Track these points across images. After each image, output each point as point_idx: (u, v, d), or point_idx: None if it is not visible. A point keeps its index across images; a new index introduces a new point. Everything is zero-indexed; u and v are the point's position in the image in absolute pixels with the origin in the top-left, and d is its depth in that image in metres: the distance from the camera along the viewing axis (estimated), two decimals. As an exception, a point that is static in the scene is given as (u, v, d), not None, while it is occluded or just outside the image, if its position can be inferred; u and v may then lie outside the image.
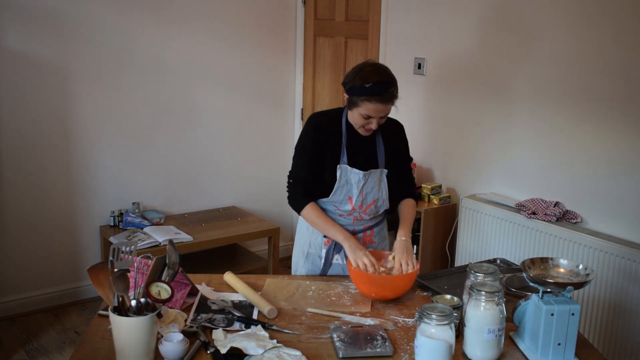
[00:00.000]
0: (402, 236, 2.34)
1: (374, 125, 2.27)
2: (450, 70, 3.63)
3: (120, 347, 1.72)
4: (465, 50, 3.52)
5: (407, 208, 2.49)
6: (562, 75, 3.07)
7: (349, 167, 2.35)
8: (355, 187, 2.36)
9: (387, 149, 2.42)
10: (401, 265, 2.24)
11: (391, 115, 2.35)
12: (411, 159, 2.56)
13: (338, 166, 2.35)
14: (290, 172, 2.44)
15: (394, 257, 2.28)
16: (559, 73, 3.09)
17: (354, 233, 2.43)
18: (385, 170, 2.41)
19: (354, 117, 2.29)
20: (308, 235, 2.50)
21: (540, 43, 3.15)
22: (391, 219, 2.62)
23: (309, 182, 2.39)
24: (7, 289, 3.78)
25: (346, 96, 2.29)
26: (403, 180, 2.51)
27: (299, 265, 2.58)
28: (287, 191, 2.44)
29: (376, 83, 2.19)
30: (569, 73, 3.05)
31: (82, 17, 3.75)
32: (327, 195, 2.38)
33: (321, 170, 2.37)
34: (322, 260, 2.48)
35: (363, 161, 2.37)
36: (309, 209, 2.37)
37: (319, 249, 2.48)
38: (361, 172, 2.35)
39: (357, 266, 2.22)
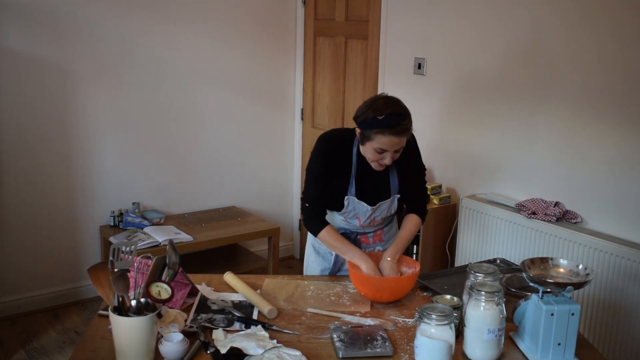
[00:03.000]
0: (388, 257, 2.29)
1: (387, 161, 2.20)
2: (450, 70, 3.63)
3: (120, 347, 1.72)
4: (465, 50, 3.53)
5: (407, 226, 2.40)
6: (562, 75, 3.07)
7: (356, 200, 2.33)
8: (363, 215, 2.37)
9: (400, 173, 2.36)
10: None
11: None
12: (424, 167, 2.47)
13: (346, 197, 2.32)
14: (304, 194, 2.39)
15: None
16: (559, 73, 3.09)
17: (364, 233, 2.47)
18: (398, 196, 2.38)
19: (368, 151, 2.21)
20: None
21: (539, 43, 3.15)
22: (401, 218, 2.59)
23: (321, 204, 2.37)
24: (7, 289, 3.78)
25: (358, 131, 2.21)
26: (413, 192, 2.44)
27: (310, 261, 2.58)
28: (302, 214, 2.40)
29: (390, 115, 2.11)
30: (569, 73, 3.05)
31: (83, 18, 3.75)
32: (337, 210, 2.38)
33: (331, 192, 2.35)
34: (333, 256, 2.48)
35: (372, 194, 2.34)
36: (325, 233, 2.33)
37: None
38: (369, 206, 2.33)
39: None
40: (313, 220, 2.36)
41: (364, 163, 2.29)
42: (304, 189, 2.40)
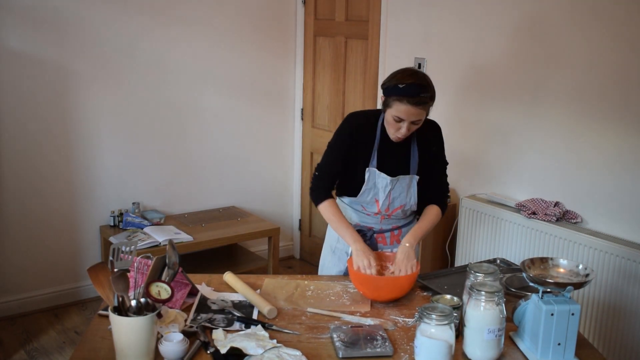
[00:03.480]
0: (407, 242, 2.31)
1: (404, 130, 2.24)
2: (450, 71, 3.63)
3: (120, 347, 1.72)
4: (465, 50, 3.52)
5: (428, 215, 2.43)
6: (562, 75, 3.08)
7: (377, 171, 2.35)
8: (382, 191, 2.36)
9: (422, 154, 2.39)
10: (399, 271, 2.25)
11: None
12: (446, 162, 2.50)
13: (367, 169, 2.35)
14: (318, 164, 2.44)
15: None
16: (559, 73, 3.09)
17: (381, 232, 2.45)
18: (417, 177, 2.39)
19: (387, 119, 2.27)
20: None
21: (540, 43, 3.15)
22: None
23: (335, 178, 2.41)
24: (7, 289, 3.78)
25: (383, 97, 2.28)
26: (435, 184, 2.46)
27: (325, 260, 2.58)
28: (311, 182, 2.45)
29: (410, 85, 2.18)
30: (569, 73, 3.05)
31: (84, 18, 3.75)
32: (355, 195, 2.40)
33: (352, 170, 2.38)
34: (348, 257, 2.47)
35: (392, 167, 2.36)
36: (327, 205, 2.38)
37: (346, 245, 2.45)
38: (388, 177, 2.34)
39: (358, 268, 2.22)
40: (319, 190, 2.40)
41: (387, 137, 2.34)
42: (321, 160, 2.44)
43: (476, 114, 3.52)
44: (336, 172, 2.40)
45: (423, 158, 2.40)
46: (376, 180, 2.36)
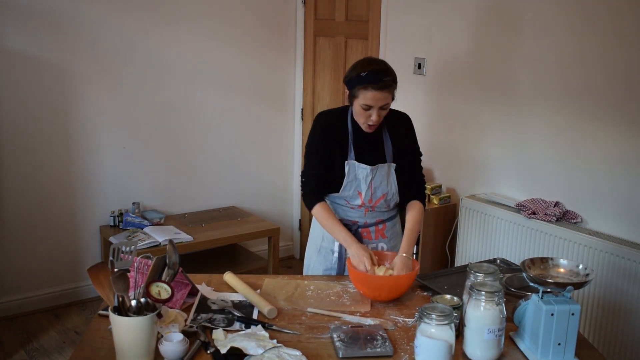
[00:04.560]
0: (404, 252, 2.32)
1: (374, 117, 2.29)
2: (450, 70, 3.63)
3: (120, 347, 1.72)
4: (465, 50, 3.53)
5: (413, 217, 2.44)
6: (563, 75, 3.08)
7: (356, 163, 2.39)
8: (364, 181, 2.39)
9: (395, 143, 2.44)
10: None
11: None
12: (420, 153, 2.54)
13: (346, 162, 2.39)
14: (302, 171, 2.49)
15: (390, 272, 2.27)
16: (560, 73, 3.09)
17: (366, 226, 2.46)
18: (394, 165, 2.43)
19: (356, 110, 2.33)
20: (322, 230, 2.50)
21: (541, 43, 3.15)
22: (403, 215, 2.59)
23: (320, 178, 2.43)
24: (7, 289, 3.78)
25: (347, 92, 2.33)
26: (411, 175, 2.49)
27: (311, 260, 2.58)
28: (301, 189, 2.49)
29: (372, 72, 2.24)
30: (569, 73, 3.05)
31: (82, 18, 3.75)
32: (337, 191, 2.42)
33: (331, 166, 2.41)
34: (336, 255, 2.48)
35: (370, 156, 2.41)
36: (319, 208, 2.41)
37: (332, 243, 2.48)
38: (368, 167, 2.38)
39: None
40: (310, 194, 2.43)
41: (359, 129, 2.39)
42: (303, 166, 2.49)
43: (476, 113, 3.52)
44: (319, 173, 2.43)
45: (396, 147, 2.44)
46: (356, 171, 2.39)
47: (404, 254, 2.30)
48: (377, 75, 2.24)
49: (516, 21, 3.24)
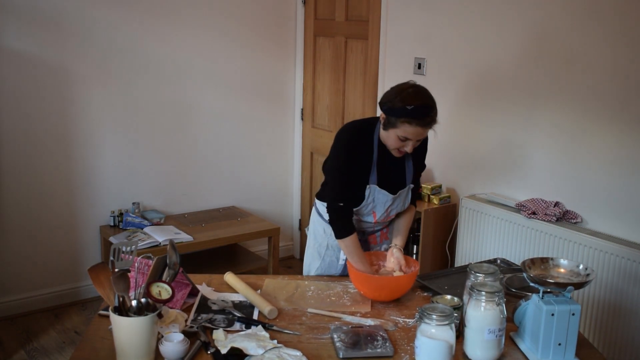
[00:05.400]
0: (397, 243, 2.39)
1: (409, 149, 2.21)
2: (450, 70, 3.63)
3: (120, 347, 1.72)
4: (466, 50, 3.53)
5: (408, 216, 2.48)
6: (563, 75, 3.07)
7: (377, 188, 2.31)
8: (382, 205, 2.35)
9: (415, 165, 2.40)
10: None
11: None
12: (425, 166, 2.51)
13: (368, 186, 2.30)
14: (331, 195, 2.34)
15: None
16: (560, 73, 3.09)
17: (372, 233, 2.48)
18: (412, 185, 2.40)
19: (390, 137, 2.21)
20: (326, 238, 2.49)
21: (542, 43, 3.15)
22: None
23: (351, 203, 2.31)
24: (7, 289, 3.78)
25: (384, 117, 2.20)
26: (415, 183, 2.47)
27: (312, 266, 2.55)
28: (333, 213, 2.33)
29: (420, 107, 2.12)
30: (569, 73, 3.05)
31: (82, 18, 3.75)
32: (354, 205, 2.34)
33: (352, 185, 2.32)
34: (341, 262, 2.48)
35: (392, 182, 2.34)
36: (351, 240, 2.28)
37: (338, 251, 2.47)
38: (390, 195, 2.32)
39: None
40: (344, 221, 2.30)
41: (385, 151, 2.29)
42: (331, 187, 2.36)
43: (476, 113, 3.52)
44: (353, 197, 2.31)
45: (416, 168, 2.42)
46: (376, 196, 2.33)
47: (397, 245, 2.37)
48: (424, 110, 2.12)
49: (517, 21, 3.24)
